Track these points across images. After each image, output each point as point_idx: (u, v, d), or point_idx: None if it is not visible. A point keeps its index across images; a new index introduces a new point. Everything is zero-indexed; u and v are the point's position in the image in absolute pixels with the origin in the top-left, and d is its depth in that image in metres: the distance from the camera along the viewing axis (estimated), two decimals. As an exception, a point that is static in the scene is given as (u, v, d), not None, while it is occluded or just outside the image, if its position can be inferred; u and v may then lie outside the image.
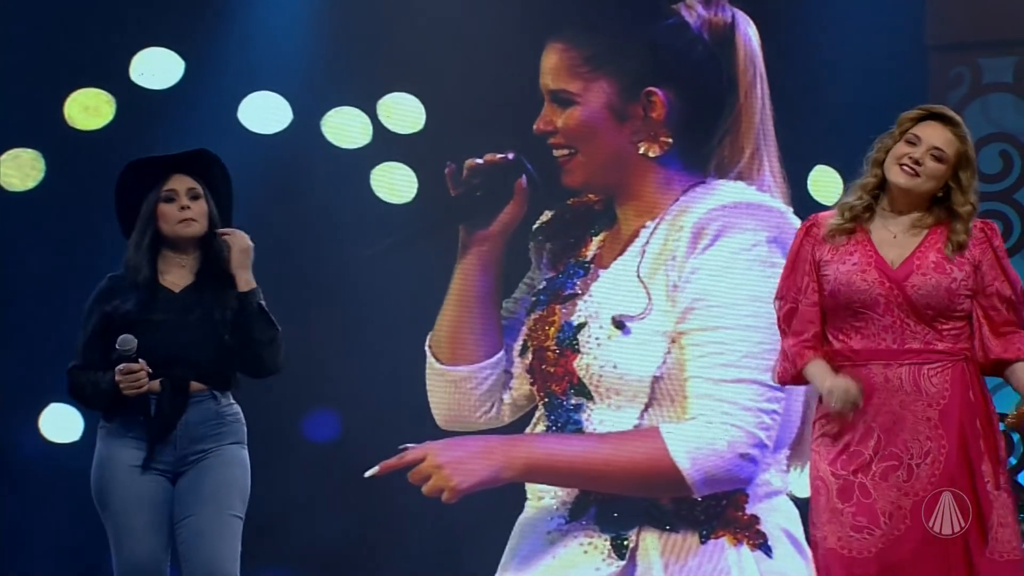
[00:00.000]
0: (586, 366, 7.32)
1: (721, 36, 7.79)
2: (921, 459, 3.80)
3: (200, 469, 4.09)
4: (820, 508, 3.84)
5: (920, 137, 3.89)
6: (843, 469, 3.83)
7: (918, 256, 3.84)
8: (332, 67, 7.43)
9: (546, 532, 7.75)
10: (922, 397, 3.82)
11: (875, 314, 3.81)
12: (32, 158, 7.35)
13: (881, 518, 3.81)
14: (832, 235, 3.86)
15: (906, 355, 3.81)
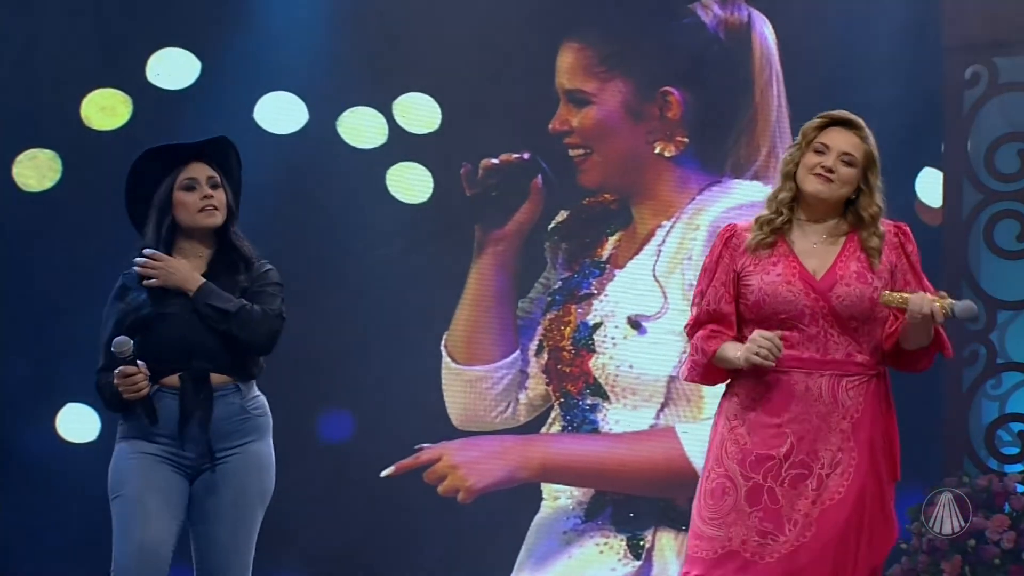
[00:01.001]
0: (602, 366, 7.35)
1: (737, 35, 7.82)
2: (831, 469, 3.75)
3: (223, 473, 4.00)
4: (725, 507, 3.76)
5: (828, 145, 3.85)
6: (753, 472, 3.75)
7: (839, 266, 3.80)
8: (348, 67, 7.41)
9: (562, 532, 7.78)
10: (838, 408, 3.77)
11: (801, 324, 3.76)
12: (49, 158, 7.33)
13: (787, 524, 3.74)
14: (755, 248, 3.81)
15: (828, 365, 3.77)
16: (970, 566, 6.66)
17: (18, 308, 7.23)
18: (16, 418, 7.17)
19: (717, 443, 3.84)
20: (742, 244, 3.86)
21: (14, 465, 7.14)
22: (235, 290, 4.16)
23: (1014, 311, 7.25)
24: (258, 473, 4.15)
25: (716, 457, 3.82)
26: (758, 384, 3.81)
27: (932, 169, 7.35)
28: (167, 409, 4.11)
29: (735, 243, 3.87)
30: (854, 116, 3.96)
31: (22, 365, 7.16)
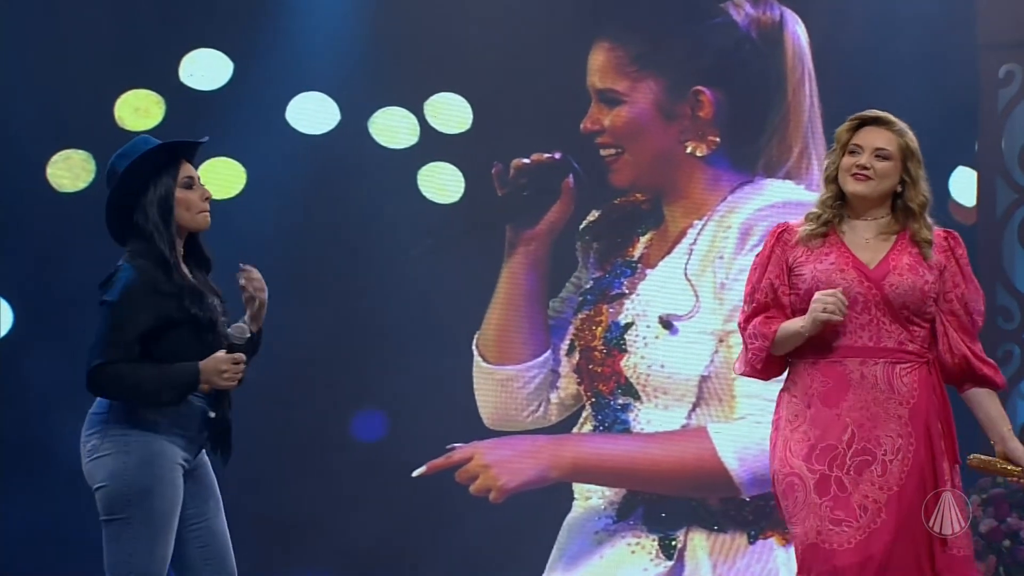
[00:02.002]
0: (633, 366, 7.34)
1: (769, 35, 7.81)
2: (893, 455, 3.83)
3: (207, 467, 4.03)
4: (798, 503, 3.84)
5: (861, 145, 3.96)
6: (818, 464, 3.83)
7: (892, 258, 3.91)
8: (379, 67, 7.41)
9: (594, 532, 7.77)
10: (894, 395, 3.85)
11: (853, 312, 3.85)
12: (83, 159, 7.36)
13: (857, 511, 3.82)
14: (808, 239, 3.92)
15: (881, 353, 3.86)
16: (1004, 567, 6.63)
17: (51, 308, 7.27)
18: (51, 417, 7.20)
19: (781, 445, 3.90)
20: (793, 238, 3.94)
21: (47, 466, 7.17)
22: (214, 292, 4.12)
23: (1048, 311, 7.22)
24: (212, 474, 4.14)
25: (781, 458, 3.89)
26: (813, 378, 3.88)
27: (966, 168, 7.31)
28: (194, 411, 4.05)
29: (787, 238, 3.95)
30: (884, 113, 4.03)
31: (56, 364, 7.19)
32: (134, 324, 3.98)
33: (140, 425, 3.99)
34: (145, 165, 4.06)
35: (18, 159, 7.23)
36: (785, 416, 3.90)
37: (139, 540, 3.93)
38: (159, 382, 3.97)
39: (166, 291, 4.00)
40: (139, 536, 3.93)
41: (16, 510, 7.12)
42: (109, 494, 3.96)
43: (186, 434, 4.04)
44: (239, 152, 7.30)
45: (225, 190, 7.28)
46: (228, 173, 7.31)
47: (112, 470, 3.97)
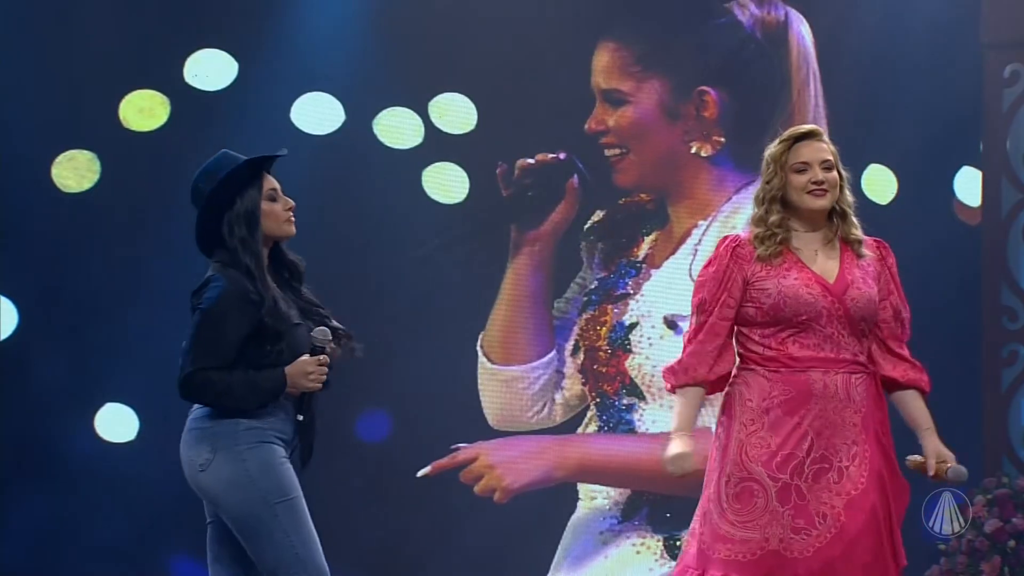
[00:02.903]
0: (638, 366, 7.34)
1: (774, 35, 7.80)
2: (850, 461, 3.96)
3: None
4: (756, 509, 3.94)
5: (807, 162, 4.06)
6: (780, 472, 3.93)
7: (847, 271, 4.04)
8: (384, 68, 7.40)
9: (598, 532, 7.77)
10: (851, 404, 3.99)
11: (818, 325, 3.99)
12: (88, 159, 7.35)
13: (816, 518, 3.92)
14: (768, 256, 4.02)
15: (841, 364, 4.00)
16: (1009, 567, 6.62)
17: (57, 308, 7.27)
18: (56, 418, 7.21)
19: (734, 447, 4.00)
20: (748, 254, 4.03)
21: (54, 465, 7.18)
22: (300, 300, 4.20)
23: (1054, 311, 7.21)
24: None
25: (734, 461, 3.99)
26: (774, 385, 3.99)
27: (971, 168, 7.31)
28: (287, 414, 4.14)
29: (741, 252, 4.04)
30: (811, 126, 4.15)
31: (61, 365, 7.20)
32: (228, 331, 4.05)
33: (247, 434, 4.08)
34: (231, 180, 4.18)
35: (23, 159, 7.23)
36: (740, 420, 4.01)
37: (295, 533, 4.04)
38: (247, 388, 4.05)
39: (254, 300, 4.06)
40: (294, 530, 4.04)
41: (19, 510, 7.12)
42: (242, 503, 4.06)
43: (284, 438, 4.13)
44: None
45: (230, 190, 7.28)
46: (233, 173, 7.31)
47: (233, 480, 4.07)
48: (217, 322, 4.06)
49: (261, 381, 4.05)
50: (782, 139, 4.10)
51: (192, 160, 7.41)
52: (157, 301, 7.19)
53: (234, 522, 4.09)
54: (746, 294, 4.01)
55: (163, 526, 7.10)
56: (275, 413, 4.11)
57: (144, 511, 7.08)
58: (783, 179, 4.05)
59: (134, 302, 7.20)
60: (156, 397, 7.29)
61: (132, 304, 7.21)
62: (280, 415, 4.13)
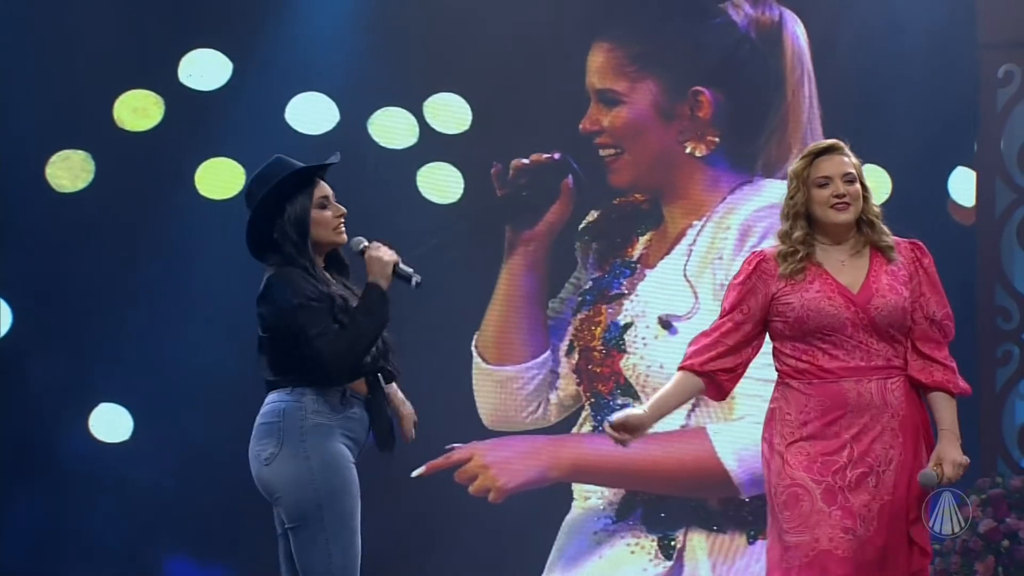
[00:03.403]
0: (633, 366, 7.34)
1: (768, 35, 7.80)
2: (887, 466, 4.03)
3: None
4: (803, 512, 4.00)
5: (828, 176, 4.12)
6: (822, 475, 4.01)
7: (872, 280, 4.09)
8: (379, 68, 7.41)
9: (593, 532, 7.77)
10: (888, 409, 4.05)
11: (843, 336, 4.04)
12: (82, 159, 7.35)
13: (859, 521, 4.01)
14: (792, 274, 4.08)
15: (874, 371, 4.05)
16: (1003, 567, 6.63)
17: (51, 308, 7.27)
18: (50, 418, 7.20)
19: (776, 460, 4.05)
20: (772, 269, 4.08)
21: (48, 464, 7.17)
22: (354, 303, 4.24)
23: (1048, 311, 7.21)
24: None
25: (779, 472, 4.03)
26: (809, 398, 4.05)
27: (965, 168, 7.31)
28: (358, 413, 4.15)
29: (765, 268, 4.10)
30: (832, 140, 4.18)
31: (55, 365, 7.19)
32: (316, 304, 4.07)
33: (315, 431, 4.10)
34: (282, 187, 4.21)
35: (17, 159, 7.23)
36: (780, 433, 4.06)
37: (335, 541, 4.06)
38: (366, 317, 4.09)
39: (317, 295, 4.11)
40: (335, 537, 4.06)
41: (13, 510, 7.11)
42: (298, 501, 4.06)
43: (354, 437, 4.16)
44: (238, 152, 7.30)
45: (224, 190, 7.28)
46: (227, 173, 7.31)
47: (295, 477, 4.07)
48: (302, 305, 4.09)
49: (366, 304, 4.11)
50: (804, 154, 4.16)
51: (186, 160, 7.46)
52: (151, 301, 7.19)
53: (288, 519, 4.10)
54: (773, 309, 4.07)
55: (158, 526, 7.10)
56: (343, 411, 4.13)
57: (138, 511, 7.07)
58: (806, 194, 4.10)
59: (128, 302, 7.20)
60: (150, 397, 7.30)
61: (127, 304, 7.20)
62: (351, 413, 4.14)
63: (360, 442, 4.18)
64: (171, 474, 7.08)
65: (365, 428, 4.17)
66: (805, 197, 4.10)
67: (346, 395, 4.15)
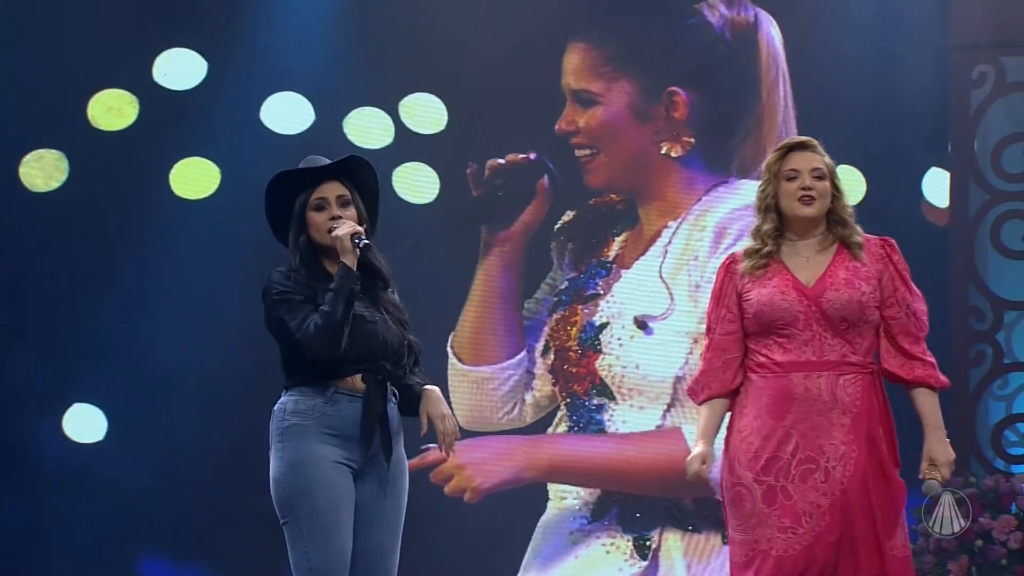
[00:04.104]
0: (608, 366, 7.34)
1: (743, 36, 7.81)
2: (836, 462, 4.05)
3: (385, 479, 4.15)
4: (746, 512, 4.07)
5: (797, 169, 4.19)
6: (765, 475, 4.06)
7: (830, 274, 4.14)
8: (354, 68, 7.40)
9: (568, 532, 7.77)
10: (837, 405, 4.08)
11: (796, 330, 4.10)
12: (56, 159, 7.33)
13: (802, 517, 4.04)
14: (752, 269, 4.17)
15: (825, 366, 4.09)
16: (977, 566, 6.65)
17: (25, 308, 7.24)
18: (23, 418, 7.18)
19: (730, 454, 4.13)
20: (740, 268, 4.17)
21: (21, 465, 7.14)
22: (393, 307, 4.27)
23: (1020, 311, 7.24)
24: (406, 477, 4.26)
25: (729, 467, 4.12)
26: (761, 391, 4.11)
27: (939, 169, 7.34)
28: (347, 410, 4.15)
29: (734, 268, 4.19)
30: (805, 137, 4.25)
31: (29, 365, 7.16)
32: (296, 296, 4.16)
33: (290, 431, 4.17)
34: (283, 186, 4.33)
35: (-10, 158, 7.20)
36: (736, 426, 4.14)
37: (309, 538, 4.11)
38: (332, 296, 4.11)
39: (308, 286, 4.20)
40: (309, 534, 4.11)
41: (-8, 510, 7.10)
42: (276, 499, 4.17)
43: (340, 434, 4.15)
44: (213, 152, 7.28)
45: (199, 190, 7.27)
46: (202, 173, 7.30)
47: (274, 476, 4.17)
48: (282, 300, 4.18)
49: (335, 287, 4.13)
50: (777, 148, 4.23)
51: (161, 160, 7.44)
52: (125, 301, 7.17)
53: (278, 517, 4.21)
54: (740, 307, 4.15)
55: (132, 527, 7.07)
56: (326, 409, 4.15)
57: (112, 512, 7.05)
58: (776, 187, 4.16)
59: (102, 302, 7.17)
60: (124, 397, 7.27)
61: (100, 304, 7.18)
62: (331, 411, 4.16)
63: (353, 437, 4.16)
64: (145, 475, 7.06)
65: (356, 424, 4.17)
66: (775, 189, 4.17)
67: (330, 393, 4.16)
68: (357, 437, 4.14)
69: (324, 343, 4.12)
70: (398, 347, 4.23)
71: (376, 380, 4.16)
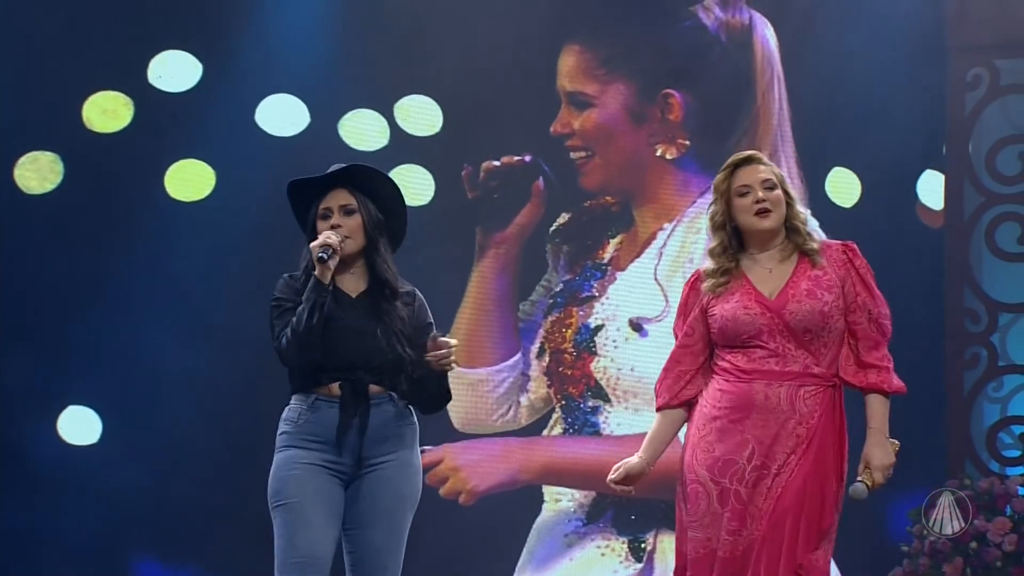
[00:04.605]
0: (603, 368, 7.34)
1: (738, 38, 7.82)
2: (779, 469, 4.12)
3: (379, 479, 4.17)
4: (700, 511, 4.14)
5: (748, 184, 4.23)
6: (721, 476, 4.13)
7: (791, 286, 4.18)
8: (349, 70, 7.41)
9: (563, 534, 7.77)
10: (795, 415, 4.13)
11: (761, 341, 4.16)
12: (50, 161, 7.33)
13: (748, 521, 4.12)
14: (714, 288, 4.24)
15: (787, 376, 4.13)
16: (972, 568, 6.66)
17: (19, 310, 7.23)
18: (18, 420, 7.17)
19: (689, 450, 4.21)
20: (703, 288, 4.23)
21: (16, 467, 7.13)
22: (395, 318, 4.29)
23: (1015, 313, 7.25)
24: (410, 478, 4.30)
25: (688, 464, 4.19)
26: (723, 394, 4.16)
27: (934, 171, 7.35)
28: (326, 417, 4.21)
29: (698, 285, 4.25)
30: (750, 152, 4.30)
31: (24, 367, 7.15)
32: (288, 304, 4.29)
33: (281, 438, 4.28)
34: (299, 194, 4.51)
35: (-15, 160, 7.20)
36: (695, 423, 4.20)
37: (281, 535, 4.23)
38: (301, 307, 4.22)
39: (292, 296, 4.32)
40: (281, 532, 4.23)
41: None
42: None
43: (321, 439, 4.22)
44: (208, 154, 7.28)
45: (194, 192, 7.26)
46: (197, 175, 7.29)
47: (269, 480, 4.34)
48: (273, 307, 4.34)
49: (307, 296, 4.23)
50: (723, 167, 4.26)
51: (156, 162, 7.44)
52: (120, 303, 7.16)
53: None
54: (706, 321, 4.20)
55: (127, 529, 7.07)
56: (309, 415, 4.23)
57: (107, 514, 7.05)
58: (725, 205, 4.20)
59: (97, 304, 7.17)
60: (119, 400, 7.27)
61: (95, 306, 7.17)
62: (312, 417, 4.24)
63: (331, 441, 4.21)
64: (140, 477, 7.06)
65: (333, 428, 4.21)
66: (724, 208, 4.21)
67: (311, 400, 4.23)
68: (334, 439, 4.20)
69: (291, 353, 4.21)
70: (383, 359, 4.25)
71: (353, 388, 4.20)
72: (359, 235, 4.38)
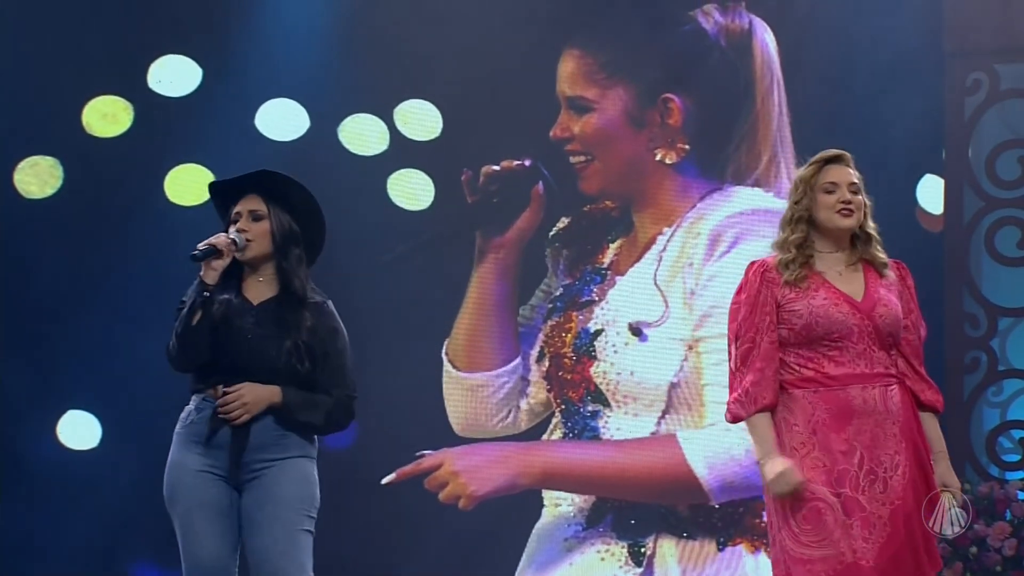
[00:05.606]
0: (603, 373, 7.34)
1: (738, 42, 7.82)
2: (892, 471, 4.14)
3: (264, 485, 4.18)
4: (828, 527, 4.08)
5: (835, 182, 4.25)
6: (839, 486, 4.11)
7: (872, 290, 4.21)
8: (349, 74, 7.41)
9: (563, 539, 7.77)
10: (890, 415, 4.16)
11: (849, 342, 4.16)
12: (50, 165, 7.34)
13: (873, 527, 4.12)
14: (795, 280, 4.19)
15: (876, 378, 4.16)
16: (972, 573, 6.65)
17: (19, 315, 7.24)
18: (17, 425, 7.17)
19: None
20: (776, 278, 4.18)
21: (16, 471, 7.14)
22: (298, 328, 4.29)
23: (1015, 318, 7.25)
24: (297, 484, 4.30)
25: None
26: (816, 406, 4.14)
27: (933, 176, 7.35)
28: (210, 418, 4.25)
29: (769, 276, 4.19)
30: (841, 151, 4.31)
31: (23, 372, 7.16)
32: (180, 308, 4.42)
33: (177, 435, 4.40)
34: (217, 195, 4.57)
35: (-15, 165, 7.20)
36: (789, 444, 4.13)
37: (180, 539, 4.35)
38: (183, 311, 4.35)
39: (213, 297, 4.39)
40: (179, 536, 4.36)
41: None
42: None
43: (202, 442, 4.31)
44: (208, 159, 7.28)
45: (193, 197, 7.27)
46: (196, 180, 7.29)
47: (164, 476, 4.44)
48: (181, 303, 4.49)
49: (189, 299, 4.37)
50: (812, 161, 4.26)
51: (156, 166, 7.44)
52: (120, 308, 7.17)
53: None
54: (779, 317, 4.16)
55: (125, 533, 7.07)
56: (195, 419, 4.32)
57: (107, 518, 7.05)
58: (811, 199, 4.20)
59: (97, 309, 7.17)
60: (118, 404, 7.27)
61: (94, 311, 7.17)
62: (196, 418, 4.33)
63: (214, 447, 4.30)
64: (139, 482, 7.05)
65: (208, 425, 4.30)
66: (811, 202, 4.20)
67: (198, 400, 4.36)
68: (222, 446, 4.24)
69: (172, 353, 4.37)
70: (271, 365, 4.28)
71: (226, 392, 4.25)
72: (264, 241, 4.40)
